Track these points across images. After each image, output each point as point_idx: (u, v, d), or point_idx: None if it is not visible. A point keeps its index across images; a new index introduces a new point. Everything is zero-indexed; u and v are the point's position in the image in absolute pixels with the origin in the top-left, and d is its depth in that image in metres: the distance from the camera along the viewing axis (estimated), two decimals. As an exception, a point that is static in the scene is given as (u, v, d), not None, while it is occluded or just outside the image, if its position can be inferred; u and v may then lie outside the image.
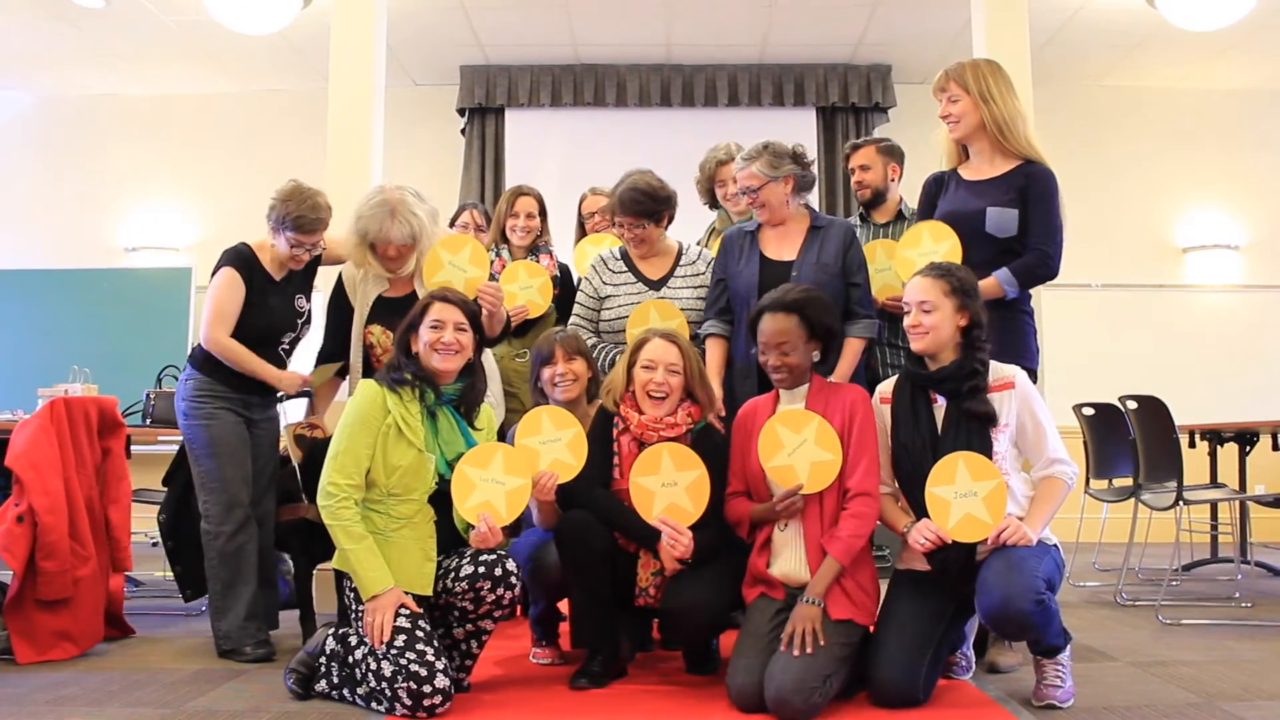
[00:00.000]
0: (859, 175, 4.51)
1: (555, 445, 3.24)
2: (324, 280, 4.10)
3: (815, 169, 3.88)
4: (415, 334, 3.22)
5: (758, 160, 3.68)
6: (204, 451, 3.74)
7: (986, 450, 3.01)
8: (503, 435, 3.72)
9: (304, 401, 4.32)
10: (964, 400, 3.06)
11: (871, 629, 3.10)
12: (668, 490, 3.14)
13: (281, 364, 3.88)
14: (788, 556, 3.15)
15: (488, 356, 4.18)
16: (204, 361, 3.80)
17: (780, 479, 3.10)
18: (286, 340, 3.88)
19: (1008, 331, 3.46)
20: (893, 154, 4.54)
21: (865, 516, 3.08)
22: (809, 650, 2.88)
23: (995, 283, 3.47)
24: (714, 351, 3.73)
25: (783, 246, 3.71)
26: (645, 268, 3.99)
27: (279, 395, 3.96)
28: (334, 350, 3.92)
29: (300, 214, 3.72)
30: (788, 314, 3.20)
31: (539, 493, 3.21)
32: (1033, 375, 3.44)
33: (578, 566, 3.22)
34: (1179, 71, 8.10)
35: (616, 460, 3.35)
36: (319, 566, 3.99)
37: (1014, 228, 3.52)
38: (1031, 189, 3.52)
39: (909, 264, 3.46)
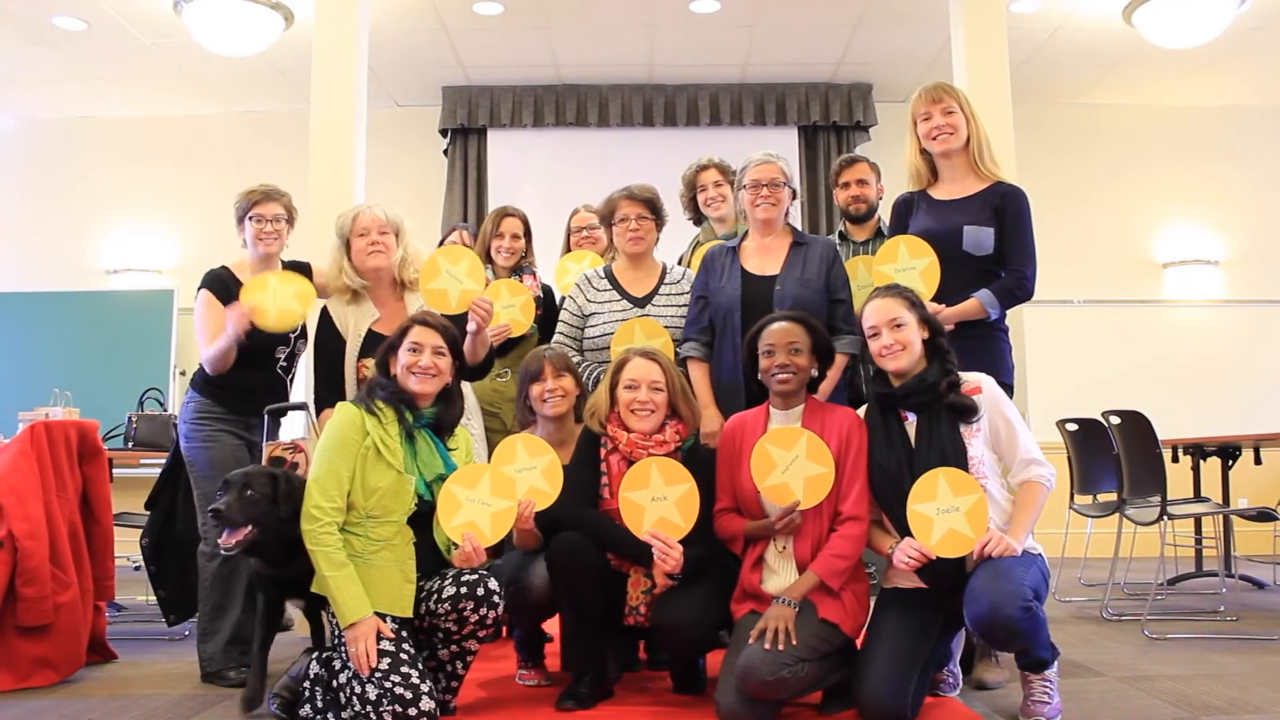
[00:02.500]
0: (857, 190, 4.55)
1: (531, 473, 3.24)
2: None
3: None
4: (394, 356, 3.23)
5: (781, 161, 3.74)
6: (204, 474, 3.73)
7: (962, 459, 3.03)
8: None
9: (300, 419, 4.30)
10: (944, 398, 3.08)
11: (858, 643, 3.11)
12: (657, 504, 3.14)
13: (279, 380, 3.88)
14: (783, 574, 3.15)
15: (467, 392, 4.18)
16: (204, 384, 3.80)
17: (776, 498, 3.10)
18: (281, 355, 3.86)
19: (983, 349, 3.50)
20: (879, 172, 4.60)
21: (853, 539, 3.10)
22: (780, 646, 2.89)
23: (978, 304, 3.50)
24: (699, 374, 3.71)
25: (765, 262, 3.72)
26: (629, 285, 3.99)
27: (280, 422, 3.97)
28: (328, 393, 3.84)
29: (250, 191, 3.85)
30: (794, 322, 3.25)
31: (517, 521, 3.20)
32: (1010, 390, 3.47)
33: (571, 589, 3.21)
34: (1157, 89, 8.17)
35: (605, 480, 3.34)
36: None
37: (990, 245, 3.56)
38: (1007, 208, 3.58)
39: (887, 279, 3.47)
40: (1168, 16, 6.33)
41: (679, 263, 4.47)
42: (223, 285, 3.81)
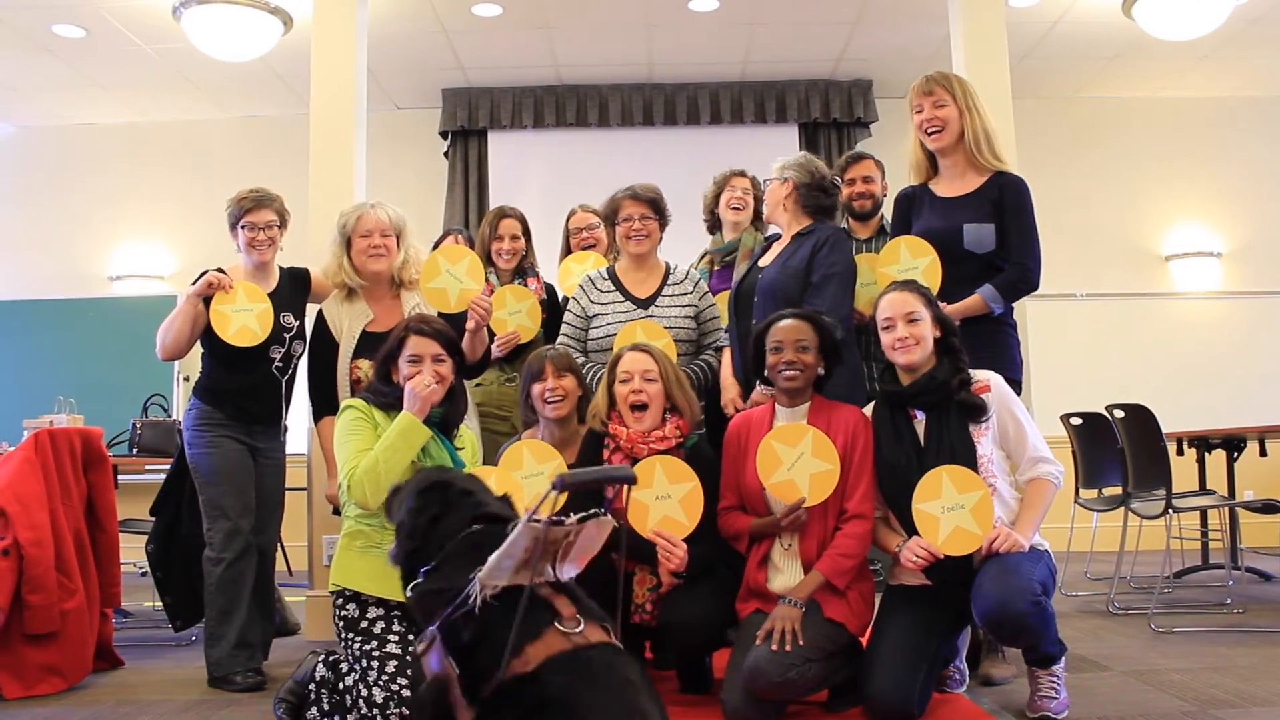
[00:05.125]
0: (862, 186, 4.54)
1: (538, 479, 3.24)
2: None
3: (835, 201, 3.84)
4: (395, 365, 3.23)
5: (785, 168, 3.73)
6: (207, 479, 3.74)
7: (971, 457, 3.03)
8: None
9: (303, 432, 4.31)
10: (953, 396, 3.08)
11: (863, 641, 3.11)
12: (662, 503, 3.14)
13: (275, 383, 3.87)
14: (788, 573, 3.15)
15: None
16: (205, 391, 3.80)
17: (782, 495, 3.10)
18: (276, 355, 3.86)
19: (992, 344, 3.47)
20: (883, 169, 4.59)
21: (858, 537, 3.10)
22: (787, 647, 2.89)
23: (980, 300, 3.47)
24: (724, 358, 3.78)
25: (772, 255, 3.75)
26: (633, 286, 3.99)
27: (284, 426, 3.97)
28: (322, 402, 3.86)
29: (242, 197, 3.85)
30: (803, 319, 3.24)
31: None
32: (1018, 386, 3.45)
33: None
34: (1157, 82, 8.16)
35: (608, 480, 3.34)
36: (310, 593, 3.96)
37: (992, 242, 3.53)
38: (1006, 200, 3.53)
39: (890, 280, 3.46)
40: (1167, 8, 6.31)
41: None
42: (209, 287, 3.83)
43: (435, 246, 4.95)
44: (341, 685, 3.00)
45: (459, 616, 2.00)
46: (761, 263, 3.75)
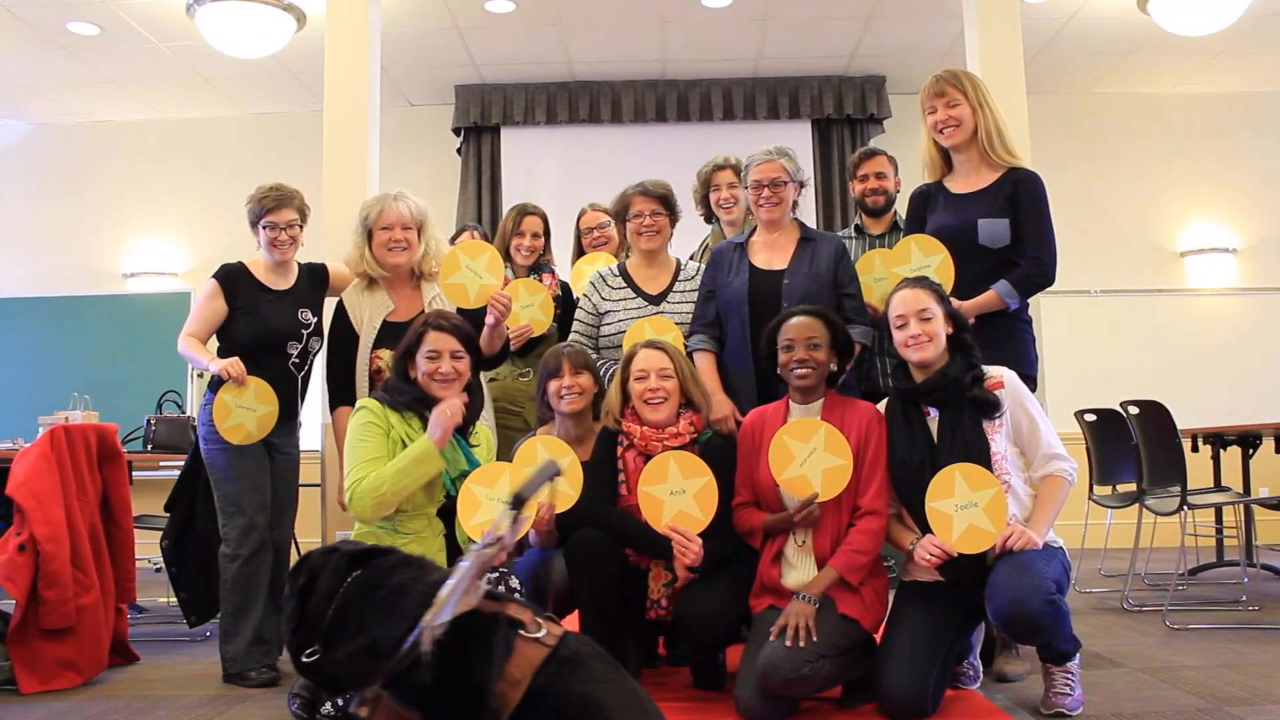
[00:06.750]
0: (875, 183, 4.52)
1: None
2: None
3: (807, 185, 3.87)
4: (412, 361, 3.24)
5: (784, 158, 3.69)
6: (223, 475, 3.75)
7: (985, 454, 3.02)
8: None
9: (318, 429, 4.31)
10: (967, 393, 3.07)
11: (877, 637, 3.10)
12: (676, 498, 3.15)
13: (292, 378, 3.86)
14: (802, 569, 3.15)
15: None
16: (220, 386, 3.80)
17: (794, 490, 3.10)
18: (293, 350, 3.85)
19: (1007, 341, 3.46)
20: (896, 165, 4.59)
21: (872, 533, 3.10)
22: (801, 644, 2.89)
23: (996, 296, 3.45)
24: (705, 363, 3.67)
25: (773, 257, 3.70)
26: (644, 282, 3.99)
27: (298, 421, 3.99)
28: (339, 392, 3.87)
29: (263, 195, 3.82)
30: (813, 316, 3.24)
31: (536, 524, 3.21)
32: (1032, 383, 3.44)
33: (589, 585, 3.21)
34: (1173, 77, 8.12)
35: (623, 477, 3.35)
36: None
37: (1007, 237, 3.51)
38: (1020, 195, 3.51)
39: (901, 280, 3.44)
40: (1182, 4, 6.29)
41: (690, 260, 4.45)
42: (229, 276, 3.85)
43: (452, 241, 4.98)
44: (355, 680, 3.01)
45: (410, 665, 1.89)
46: (762, 265, 3.69)
